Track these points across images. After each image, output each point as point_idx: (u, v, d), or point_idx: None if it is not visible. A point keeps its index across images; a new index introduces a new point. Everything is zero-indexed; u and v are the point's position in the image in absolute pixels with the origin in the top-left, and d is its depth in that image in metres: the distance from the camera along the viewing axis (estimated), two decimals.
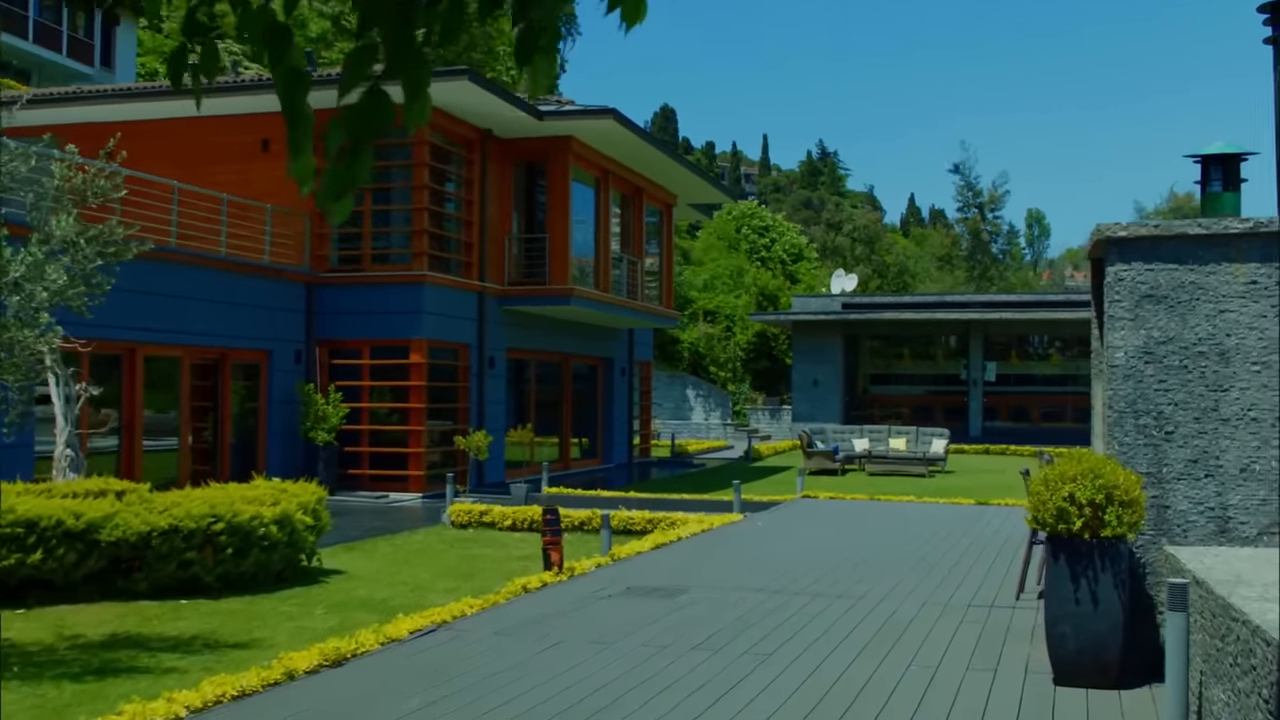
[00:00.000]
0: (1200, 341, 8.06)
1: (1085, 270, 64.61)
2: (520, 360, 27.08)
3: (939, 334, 46.53)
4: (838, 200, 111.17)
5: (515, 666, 8.08)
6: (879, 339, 47.12)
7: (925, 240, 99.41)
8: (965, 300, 48.25)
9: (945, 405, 45.84)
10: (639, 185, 30.17)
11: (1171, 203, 65.06)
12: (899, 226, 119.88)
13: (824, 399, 45.60)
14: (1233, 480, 8.01)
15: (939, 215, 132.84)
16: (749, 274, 59.70)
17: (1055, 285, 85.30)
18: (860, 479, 28.59)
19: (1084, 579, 7.56)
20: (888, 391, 47.17)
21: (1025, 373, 46.15)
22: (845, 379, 46.03)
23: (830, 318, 45.23)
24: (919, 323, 45.34)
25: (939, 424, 43.06)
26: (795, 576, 12.06)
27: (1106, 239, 8.15)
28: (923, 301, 48.70)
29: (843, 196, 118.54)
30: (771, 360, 54.74)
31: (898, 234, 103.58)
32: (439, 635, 9.05)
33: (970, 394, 45.14)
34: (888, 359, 47.56)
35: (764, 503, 20.28)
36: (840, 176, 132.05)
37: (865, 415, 45.25)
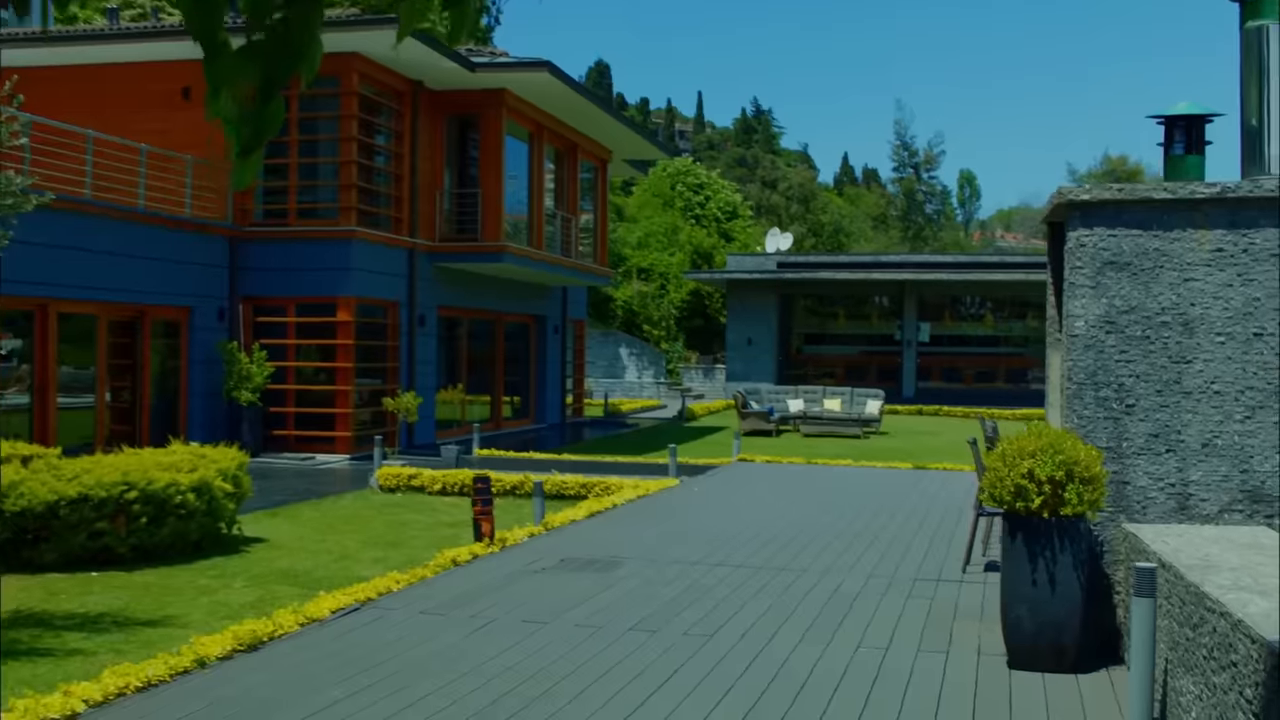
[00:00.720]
0: (1163, 311, 7.73)
1: (1017, 232, 65.09)
2: (452, 318, 26.47)
3: (874, 294, 46.40)
4: (772, 158, 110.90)
5: (444, 651, 7.62)
6: (814, 298, 46.92)
7: (859, 200, 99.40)
8: (900, 260, 48.17)
9: (879, 366, 45.77)
10: (573, 140, 29.55)
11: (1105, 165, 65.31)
12: (833, 186, 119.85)
13: (758, 358, 45.38)
14: (1194, 456, 7.70)
15: (872, 175, 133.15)
16: (683, 232, 59.25)
17: (986, 246, 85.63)
18: (795, 440, 28.36)
19: (1042, 559, 7.22)
20: (822, 351, 47.02)
21: (958, 334, 46.18)
22: (780, 339, 45.81)
23: (765, 277, 44.94)
24: (854, 283, 45.16)
25: (873, 384, 42.92)
26: (734, 548, 11.69)
27: (1068, 202, 7.78)
28: (858, 261, 48.53)
29: (777, 155, 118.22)
30: (705, 319, 54.43)
31: (832, 193, 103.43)
32: (363, 614, 8.57)
33: (904, 355, 45.11)
34: (822, 319, 47.37)
35: (700, 466, 19.93)
36: (774, 134, 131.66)
37: (799, 375, 45.11)
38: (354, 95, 21.98)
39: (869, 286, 45.64)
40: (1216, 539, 7.07)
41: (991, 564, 10.95)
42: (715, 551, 11.43)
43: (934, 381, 45.33)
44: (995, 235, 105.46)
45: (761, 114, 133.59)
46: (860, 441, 28.36)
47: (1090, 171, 65.71)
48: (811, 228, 73.50)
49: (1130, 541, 7.40)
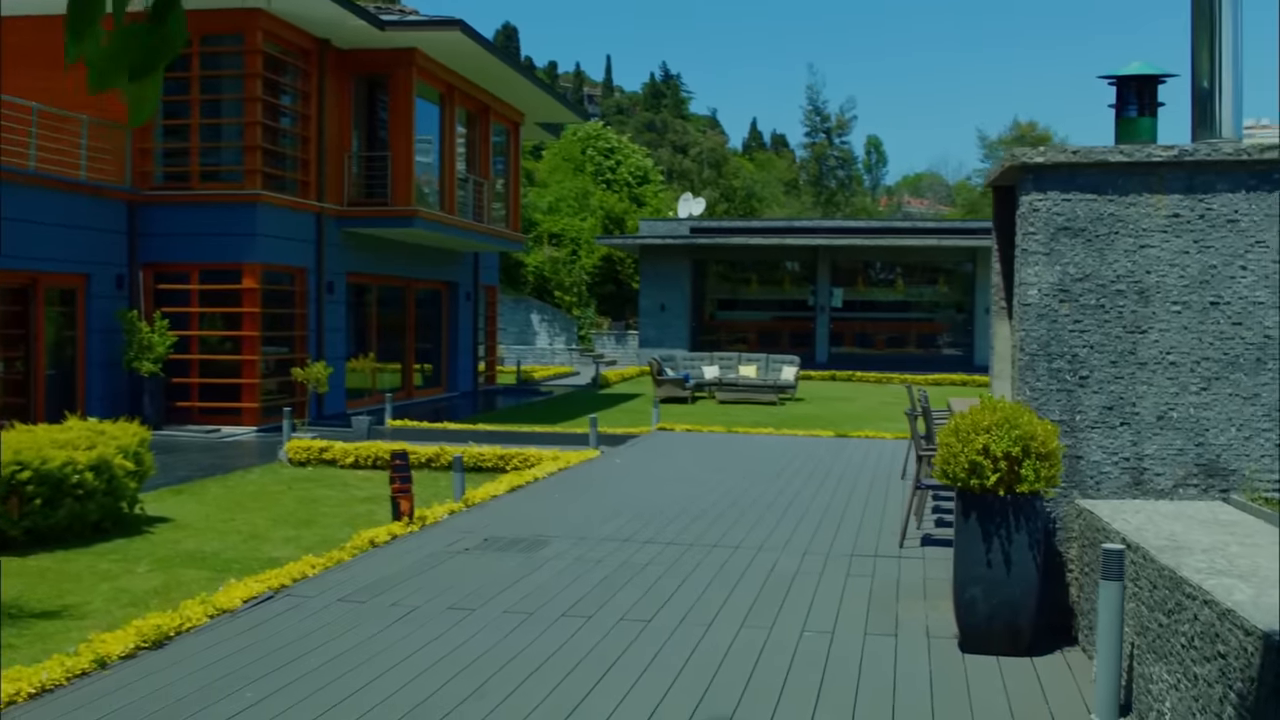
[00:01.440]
0: (1119, 279, 7.43)
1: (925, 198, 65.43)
2: (361, 285, 25.74)
3: (787, 259, 46.25)
4: (681, 123, 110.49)
5: (365, 643, 7.12)
6: (727, 264, 46.64)
7: (768, 166, 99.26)
8: (814, 226, 48.05)
9: (792, 331, 45.69)
10: (485, 102, 28.85)
11: (1015, 131, 65.68)
12: (742, 151, 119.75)
13: (671, 324, 45.07)
14: (1149, 429, 7.43)
15: (781, 141, 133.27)
16: (595, 196, 58.66)
17: (893, 212, 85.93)
18: (711, 407, 28.08)
19: (997, 538, 6.91)
20: (735, 317, 46.81)
21: (871, 299, 46.22)
22: (693, 304, 45.52)
23: (678, 242, 44.57)
24: (767, 248, 44.97)
25: (786, 350, 42.87)
26: (664, 523, 11.30)
27: (1021, 165, 7.44)
28: (771, 227, 48.35)
29: (686, 120, 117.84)
30: (618, 285, 53.98)
31: (743, 159, 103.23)
32: (277, 604, 8.03)
33: (817, 320, 45.06)
34: (735, 284, 47.12)
35: (620, 436, 19.53)
36: (683, 99, 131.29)
37: (712, 341, 44.92)
38: (258, 53, 21.13)
39: (782, 252, 45.48)
40: (1176, 515, 6.81)
41: (928, 538, 10.69)
42: (644, 527, 11.03)
43: (847, 346, 45.37)
44: (902, 201, 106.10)
45: (670, 79, 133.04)
46: (777, 408, 28.15)
47: (1000, 138, 66.08)
48: (724, 193, 73.17)
49: (1085, 518, 7.12)
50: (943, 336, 45.79)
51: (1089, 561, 6.99)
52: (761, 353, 36.36)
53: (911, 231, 46.56)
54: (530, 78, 28.26)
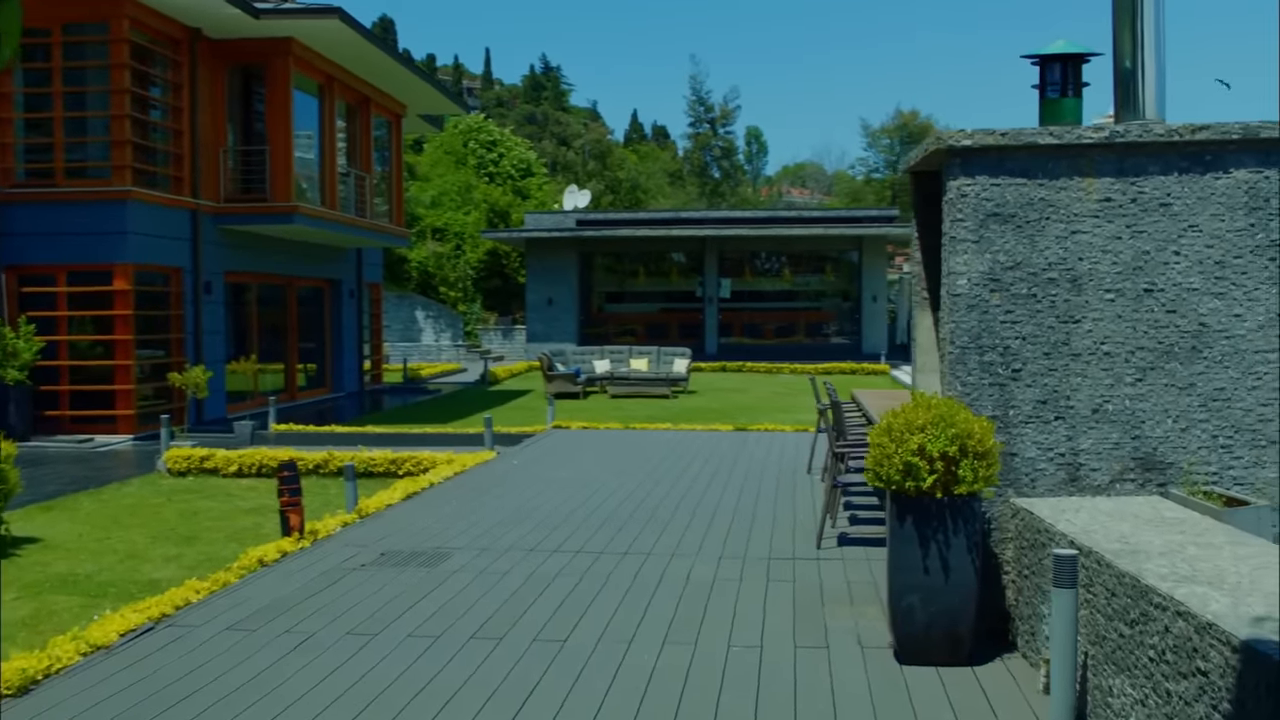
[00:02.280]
0: (1050, 266, 7.10)
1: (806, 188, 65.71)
2: (240, 284, 24.76)
3: (674, 251, 45.97)
4: (561, 116, 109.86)
5: (258, 677, 6.51)
6: (614, 256, 46.21)
7: (650, 157, 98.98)
8: (700, 217, 47.81)
9: (681, 323, 45.48)
10: (366, 94, 28.01)
11: (898, 120, 66.11)
12: (624, 143, 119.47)
13: (559, 318, 44.56)
14: (1084, 422, 7.12)
15: (662, 132, 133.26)
16: (478, 190, 57.78)
17: (774, 202, 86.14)
18: (604, 402, 27.63)
19: (934, 543, 6.54)
20: (623, 310, 46.42)
21: (759, 289, 46.15)
22: (580, 298, 45.04)
23: (565, 235, 44.03)
24: (654, 239, 44.62)
25: (675, 342, 42.65)
26: (570, 529, 10.80)
27: (948, 148, 7.07)
28: (658, 218, 48.03)
29: (567, 112, 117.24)
30: (504, 279, 53.21)
31: (626, 150, 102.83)
32: (159, 635, 7.37)
33: (706, 311, 44.86)
34: (623, 277, 46.71)
35: (515, 435, 18.97)
36: (564, 92, 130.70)
37: (601, 334, 44.53)
38: (124, 42, 20.12)
39: (669, 243, 45.18)
40: (1119, 513, 6.50)
41: (844, 537, 10.35)
42: (550, 535, 10.52)
43: (736, 337, 45.27)
44: (783, 191, 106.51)
45: (550, 71, 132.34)
46: (670, 402, 27.79)
47: (883, 126, 66.52)
48: (609, 184, 72.64)
49: (1023, 518, 6.78)
50: (830, 325, 45.92)
51: (1028, 564, 6.66)
52: (650, 345, 36.09)
53: (798, 221, 46.57)
54: (411, 68, 27.48)
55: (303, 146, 24.60)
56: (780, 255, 45.99)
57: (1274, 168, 7.04)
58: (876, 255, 44.71)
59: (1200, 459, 7.10)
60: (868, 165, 69.30)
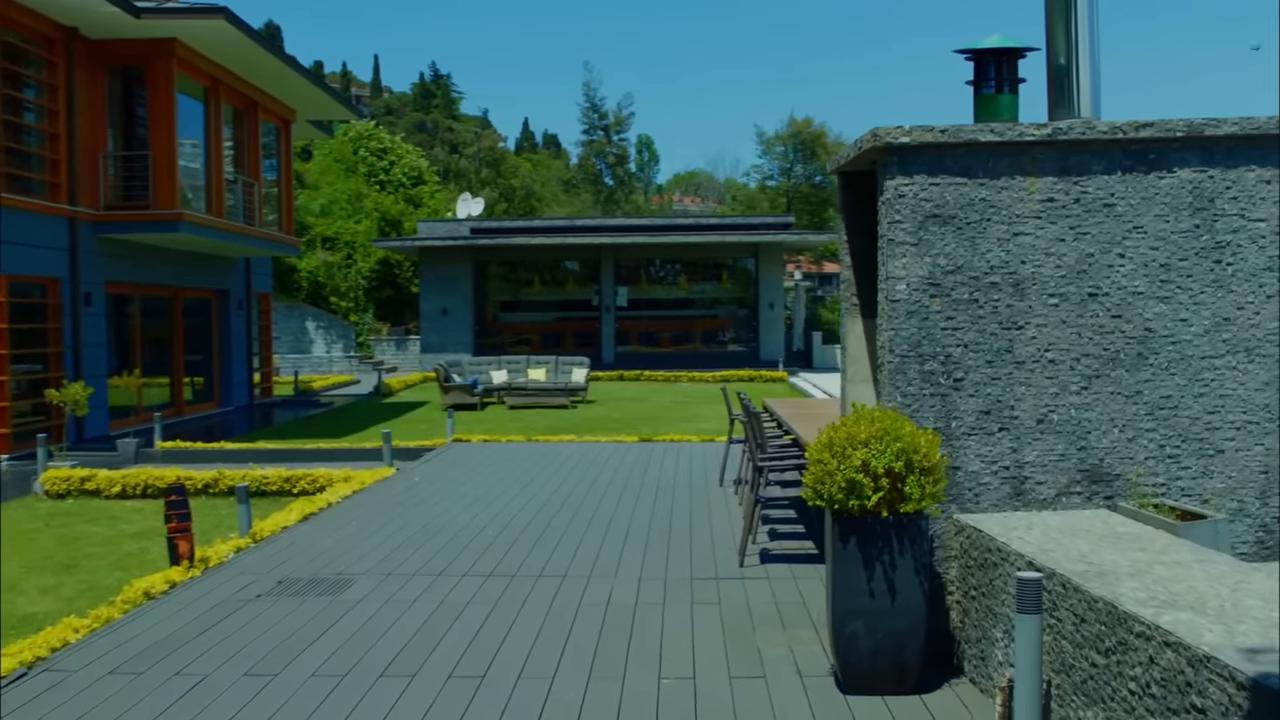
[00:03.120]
0: (993, 270, 6.76)
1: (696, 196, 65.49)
2: (123, 295, 23.73)
3: (570, 259, 45.48)
4: (452, 124, 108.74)
5: None
6: (509, 265, 45.57)
7: (542, 166, 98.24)
8: (596, 224, 47.38)
9: (577, 331, 44.99)
10: (253, 98, 27.10)
11: (791, 128, 66.27)
12: (515, 151, 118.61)
13: (454, 328, 43.81)
14: (1029, 433, 6.78)
15: (553, 140, 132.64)
16: (369, 198, 56.70)
17: (665, 210, 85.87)
18: (502, 413, 27.06)
19: (880, 565, 6.14)
20: (519, 319, 45.79)
21: (655, 297, 45.84)
22: (475, 307, 44.32)
23: (458, 243, 43.30)
24: (550, 247, 44.09)
25: (571, 351, 42.11)
26: (479, 550, 10.25)
27: (884, 146, 6.69)
28: (553, 226, 47.48)
29: (457, 120, 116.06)
30: (396, 289, 52.24)
31: (520, 159, 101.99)
32: (34, 682, 6.69)
33: (603, 319, 44.43)
34: (518, 285, 46.07)
35: (415, 449, 18.33)
36: (454, 100, 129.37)
37: (496, 344, 43.88)
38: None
39: (565, 251, 44.68)
40: (1072, 530, 6.16)
41: (766, 554, 9.96)
42: (458, 557, 9.96)
43: (633, 345, 44.92)
44: (674, 200, 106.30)
45: (440, 79, 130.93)
46: (570, 412, 27.31)
47: (778, 133, 66.59)
48: (503, 192, 71.84)
49: (969, 536, 6.42)
50: (727, 332, 45.77)
51: (977, 584, 6.30)
52: (547, 354, 35.53)
53: (695, 228, 46.34)
54: (300, 71, 26.63)
55: (188, 152, 23.68)
56: (677, 263, 45.73)
57: (1218, 166, 6.78)
58: (773, 262, 44.65)
59: (1148, 470, 6.81)
60: (762, 172, 69.42)
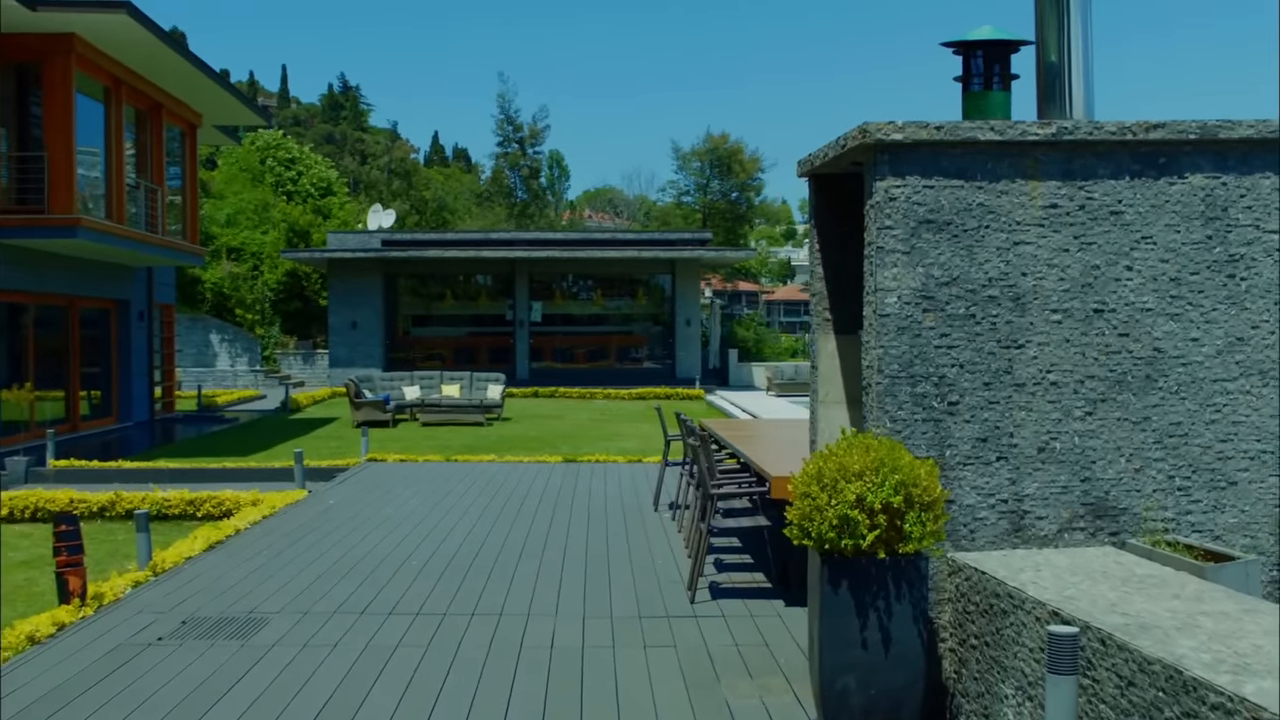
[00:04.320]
0: (991, 282, 6.12)
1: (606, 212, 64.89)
2: (15, 305, 22.45)
3: (484, 272, 44.58)
4: (362, 136, 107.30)
5: None
6: (421, 278, 44.54)
7: (452, 179, 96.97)
8: (511, 238, 46.51)
9: (491, 347, 44.08)
10: (158, 100, 25.91)
11: (708, 143, 65.82)
12: (425, 165, 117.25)
13: (363, 342, 42.66)
14: (1029, 463, 6.15)
15: (463, 154, 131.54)
16: (276, 208, 55.26)
17: (575, 227, 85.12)
18: (415, 430, 26.12)
19: (874, 612, 5.46)
20: (431, 334, 44.75)
21: (570, 313, 45.11)
22: (386, 321, 43.21)
23: (369, 255, 42.18)
24: (463, 261, 43.13)
25: (484, 366, 41.20)
26: (403, 584, 9.41)
27: (875, 143, 6.02)
28: (467, 239, 46.51)
29: (366, 132, 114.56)
30: (304, 301, 50.89)
31: (433, 171, 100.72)
32: None
33: (517, 335, 43.56)
34: (430, 300, 45.04)
35: (328, 470, 17.38)
36: (363, 111, 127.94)
37: (407, 359, 42.81)
38: None
39: (479, 265, 43.76)
40: (1084, 571, 5.52)
41: (716, 588, 9.24)
42: (383, 592, 9.12)
43: (548, 362, 44.11)
44: (584, 216, 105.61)
45: (349, 90, 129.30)
46: (486, 430, 26.45)
47: (694, 149, 66.08)
48: (414, 204, 70.57)
49: (969, 577, 5.75)
50: (643, 349, 45.16)
51: (978, 632, 5.63)
52: (460, 370, 34.60)
53: (611, 243, 45.66)
54: (207, 72, 25.49)
55: (87, 157, 22.49)
56: (593, 278, 45.04)
57: (1232, 173, 6.22)
58: (690, 279, 44.12)
59: (1156, 503, 6.21)
60: (678, 188, 68.93)
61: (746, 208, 68.72)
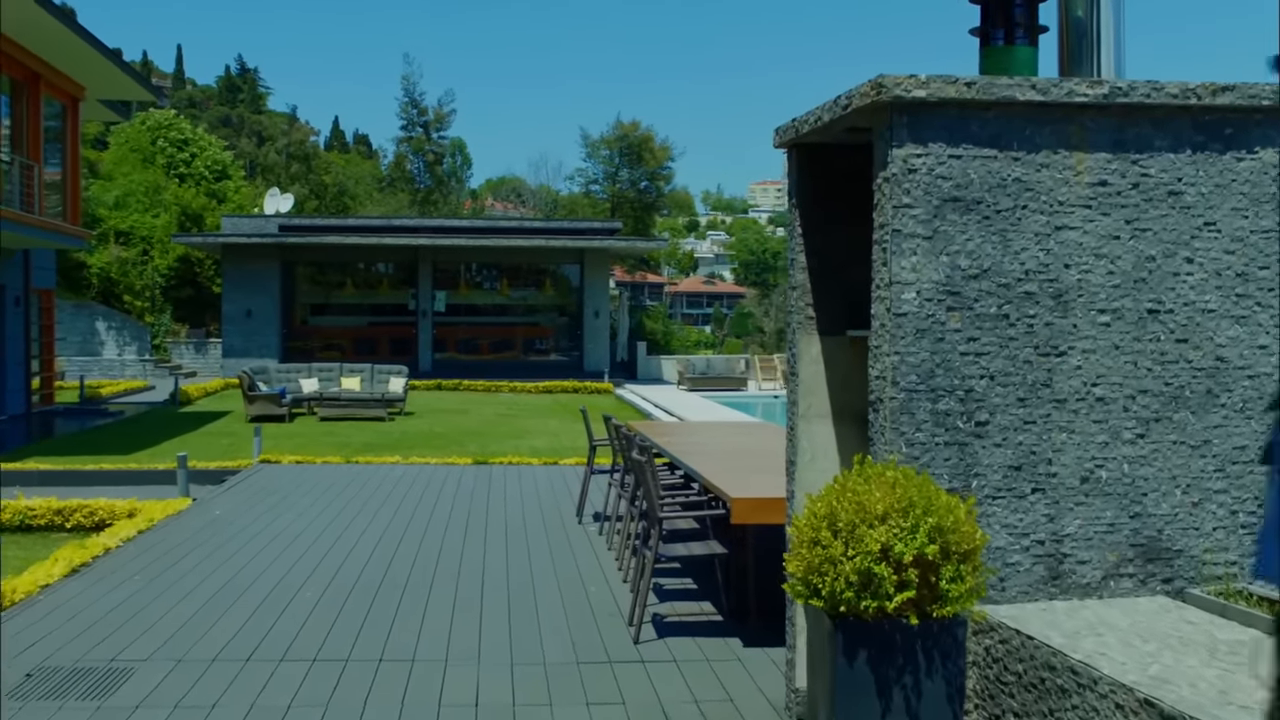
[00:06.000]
0: (1028, 276, 5.01)
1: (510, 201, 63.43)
2: None
3: (386, 260, 43.01)
4: (260, 119, 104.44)
5: None
6: (320, 265, 42.84)
7: (353, 165, 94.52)
8: (414, 224, 44.96)
9: (393, 337, 42.54)
10: (35, 70, 24.11)
11: (618, 130, 64.51)
12: (324, 150, 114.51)
13: (259, 332, 40.86)
14: (1070, 496, 5.05)
15: (364, 140, 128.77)
16: (169, 191, 53.01)
17: (477, 215, 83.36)
18: (313, 426, 24.64)
19: (900, 690, 4.32)
20: (330, 323, 43.09)
21: (475, 303, 43.72)
22: (283, 309, 41.44)
23: (266, 241, 40.38)
24: (365, 248, 41.53)
25: (386, 358, 39.63)
26: (298, 618, 8.10)
27: (893, 101, 4.87)
28: (369, 225, 44.88)
29: (264, 115, 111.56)
30: (197, 288, 48.78)
31: (333, 155, 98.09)
32: None
33: (420, 325, 42.05)
34: (329, 288, 43.36)
35: (215, 472, 15.92)
36: (261, 95, 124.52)
37: (305, 349, 41.13)
38: None
39: (381, 252, 42.18)
40: (1153, 635, 4.43)
41: (660, 622, 8.07)
42: (273, 630, 7.79)
43: (451, 353, 42.66)
44: (487, 204, 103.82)
45: (247, 72, 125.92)
46: (389, 425, 25.09)
47: (604, 136, 64.69)
48: (314, 189, 68.40)
49: (1006, 639, 4.63)
50: (550, 341, 43.94)
51: (1018, 709, 4.51)
52: (361, 362, 33.09)
53: (518, 231, 44.34)
54: (91, 41, 23.73)
55: None
56: (499, 267, 43.68)
57: None
58: (599, 269, 42.95)
59: (1216, 543, 5.15)
60: (587, 176, 67.59)
61: (656, 197, 67.60)
